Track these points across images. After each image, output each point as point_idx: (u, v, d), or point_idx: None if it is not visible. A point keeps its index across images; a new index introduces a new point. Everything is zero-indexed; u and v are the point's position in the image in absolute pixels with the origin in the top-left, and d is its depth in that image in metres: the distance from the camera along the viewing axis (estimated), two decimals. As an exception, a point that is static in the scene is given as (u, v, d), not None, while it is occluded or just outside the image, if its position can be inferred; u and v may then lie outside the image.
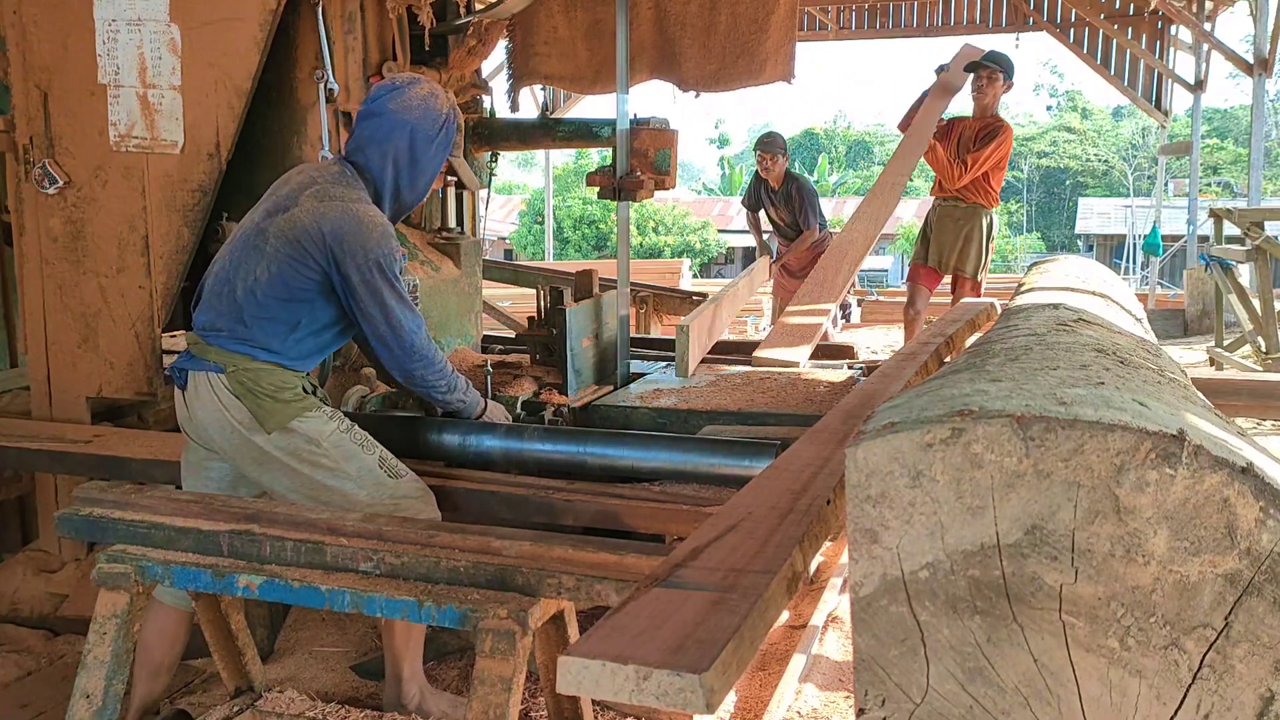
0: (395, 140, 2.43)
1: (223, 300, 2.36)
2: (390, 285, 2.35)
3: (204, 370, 2.34)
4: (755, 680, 2.74)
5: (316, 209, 2.33)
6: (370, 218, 2.35)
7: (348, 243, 2.30)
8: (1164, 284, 16.52)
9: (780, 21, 3.58)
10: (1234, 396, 2.75)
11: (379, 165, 2.45)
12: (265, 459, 2.33)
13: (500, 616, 1.74)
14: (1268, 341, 7.06)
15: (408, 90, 2.44)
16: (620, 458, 2.48)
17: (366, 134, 2.45)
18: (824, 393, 3.03)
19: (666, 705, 0.90)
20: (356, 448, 2.36)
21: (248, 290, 2.33)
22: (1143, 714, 0.95)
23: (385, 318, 2.37)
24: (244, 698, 2.32)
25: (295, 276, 2.32)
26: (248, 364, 2.32)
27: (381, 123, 2.43)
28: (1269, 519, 0.90)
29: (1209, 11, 10.66)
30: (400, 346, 2.41)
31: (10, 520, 3.47)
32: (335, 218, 2.32)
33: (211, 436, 2.36)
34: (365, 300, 2.35)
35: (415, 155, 2.46)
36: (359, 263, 2.31)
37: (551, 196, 17.78)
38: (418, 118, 2.43)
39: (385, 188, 2.47)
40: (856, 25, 12.55)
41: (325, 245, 2.31)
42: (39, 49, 3.11)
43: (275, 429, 2.31)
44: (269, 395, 2.31)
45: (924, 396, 1.12)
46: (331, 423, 2.36)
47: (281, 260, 2.32)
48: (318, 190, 2.37)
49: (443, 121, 2.47)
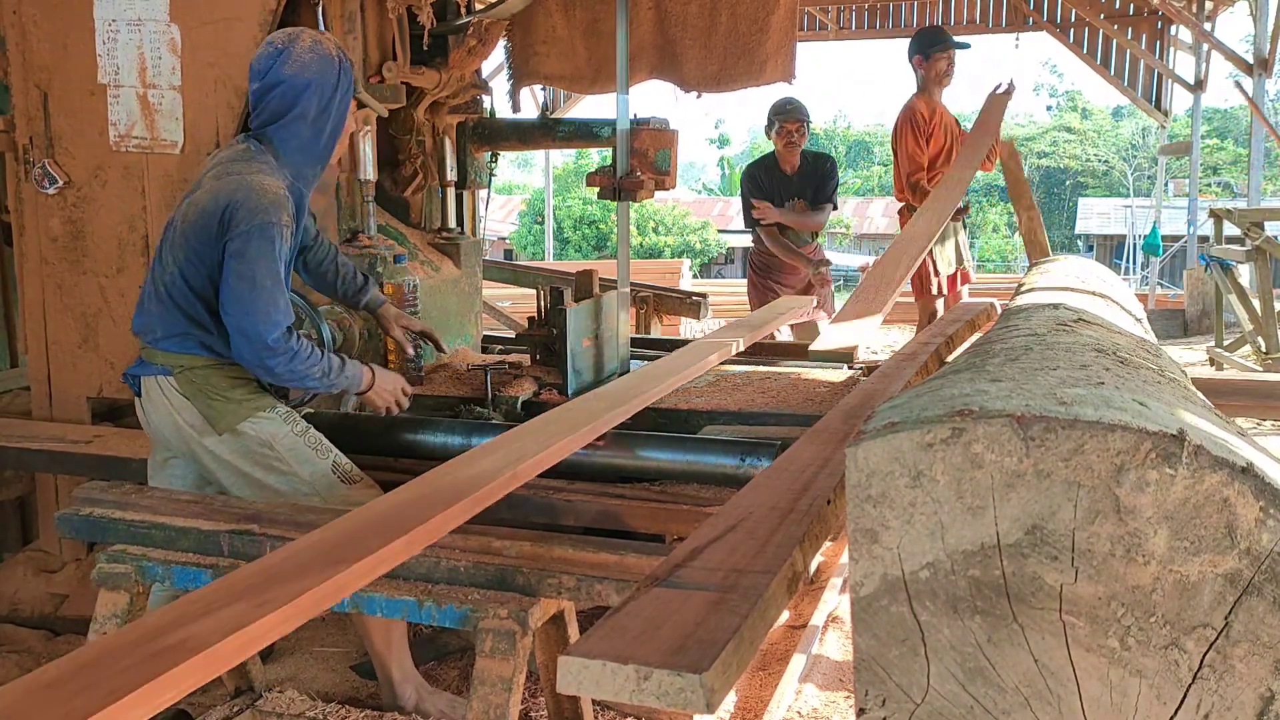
0: (301, 104, 2.33)
1: (153, 301, 2.32)
2: (264, 257, 2.20)
3: (153, 374, 2.31)
4: (755, 680, 2.74)
5: (214, 187, 2.26)
6: (264, 186, 2.24)
7: (237, 210, 2.20)
8: (1164, 284, 16.51)
9: (780, 22, 3.58)
10: (1234, 396, 2.74)
11: (295, 133, 2.35)
12: (217, 462, 2.31)
13: (500, 616, 1.74)
14: (1268, 341, 7.06)
15: (293, 49, 2.33)
16: (620, 457, 2.48)
17: (272, 108, 2.34)
18: (824, 393, 3.03)
19: (667, 705, 0.90)
20: (310, 451, 2.33)
21: (169, 286, 2.27)
22: (1143, 714, 0.95)
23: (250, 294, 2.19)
24: (244, 698, 2.32)
25: (200, 260, 2.24)
26: (193, 362, 2.29)
27: (284, 92, 2.32)
28: (1269, 519, 0.90)
29: (1209, 11, 10.65)
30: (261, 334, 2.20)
31: (10, 520, 3.47)
32: (230, 190, 2.22)
33: (168, 440, 2.35)
34: (234, 270, 2.19)
35: (323, 108, 2.37)
36: (241, 228, 2.19)
37: (551, 196, 17.78)
38: (315, 73, 2.33)
39: (309, 153, 2.38)
40: (856, 25, 12.54)
41: (219, 216, 2.21)
42: (39, 49, 3.11)
43: (225, 430, 2.28)
44: (220, 395, 2.28)
45: (924, 396, 1.12)
46: (285, 425, 2.33)
47: (190, 248, 2.25)
48: (218, 169, 2.30)
49: (338, 66, 2.38)
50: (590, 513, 2.29)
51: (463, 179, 3.82)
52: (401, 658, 2.40)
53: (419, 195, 3.68)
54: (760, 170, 5.43)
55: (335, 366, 2.38)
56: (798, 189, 5.30)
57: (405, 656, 2.41)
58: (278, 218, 2.22)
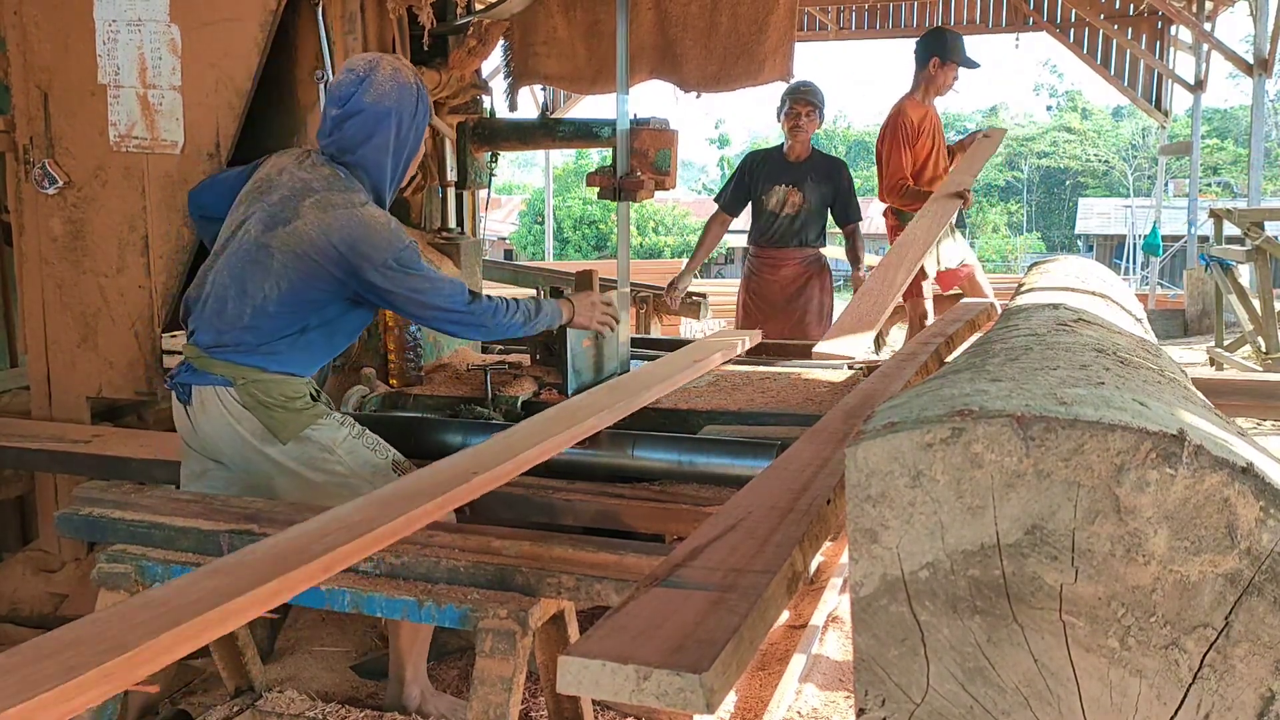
0: (383, 132, 2.39)
1: (227, 317, 2.31)
2: (415, 276, 2.34)
3: (210, 384, 2.31)
4: (755, 680, 2.74)
5: (321, 220, 2.28)
6: (376, 219, 2.32)
7: (362, 250, 2.27)
8: (1164, 284, 16.52)
9: (780, 22, 3.58)
10: (1234, 396, 2.74)
11: (375, 161, 2.41)
12: (279, 470, 2.31)
13: (500, 616, 1.74)
14: (1268, 341, 7.06)
15: (375, 76, 2.37)
16: (620, 458, 2.48)
17: (352, 134, 2.38)
18: (824, 393, 3.03)
19: (666, 705, 0.90)
20: (369, 452, 2.36)
21: (258, 308, 2.29)
22: (1143, 714, 0.95)
23: (424, 305, 2.37)
24: (244, 698, 2.32)
25: (308, 289, 2.30)
26: (258, 375, 2.30)
27: (365, 119, 2.37)
28: (1269, 519, 0.90)
29: (1209, 11, 10.66)
30: (454, 320, 2.43)
31: (10, 520, 3.47)
32: (343, 227, 2.27)
33: (220, 449, 2.34)
34: (400, 298, 2.35)
35: (403, 137, 2.43)
36: (378, 266, 2.28)
37: (551, 196, 17.79)
38: (396, 101, 2.38)
39: (385, 180, 2.45)
40: (856, 25, 12.55)
41: (339, 256, 2.27)
42: (39, 49, 3.11)
43: (290, 439, 2.29)
44: (280, 406, 2.29)
45: (924, 396, 1.12)
46: (343, 429, 2.36)
47: (292, 276, 2.28)
48: (319, 200, 2.31)
49: (417, 93, 2.43)
50: (590, 513, 2.29)
51: (463, 179, 3.82)
52: (419, 660, 2.41)
53: (419, 195, 3.68)
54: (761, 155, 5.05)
55: (533, 309, 2.62)
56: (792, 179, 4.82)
57: (422, 660, 2.42)
58: (404, 242, 2.34)
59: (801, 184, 4.81)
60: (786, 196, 4.80)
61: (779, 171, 4.84)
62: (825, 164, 4.92)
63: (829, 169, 4.91)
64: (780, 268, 4.92)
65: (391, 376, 3.14)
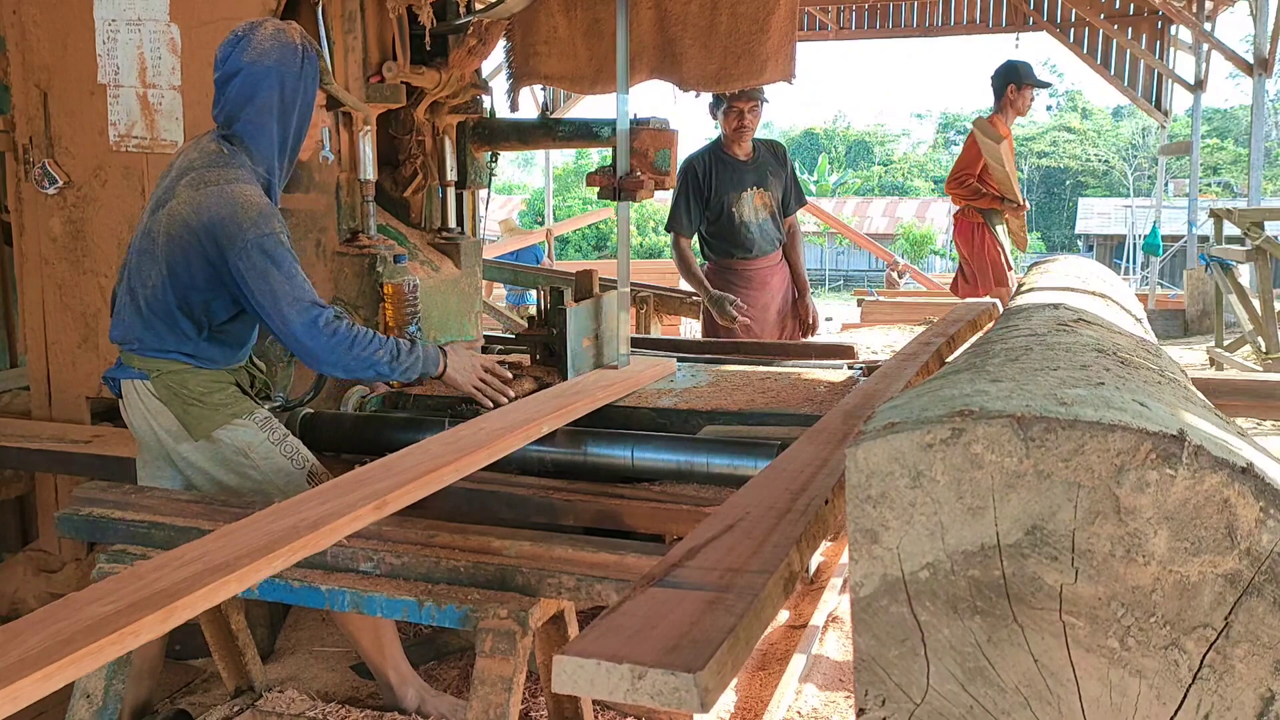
0: (265, 92, 2.26)
1: (131, 311, 2.29)
2: (276, 267, 2.17)
3: (131, 378, 2.30)
4: (755, 680, 2.74)
5: (193, 199, 2.20)
6: (245, 197, 2.19)
7: (226, 229, 2.16)
8: (1164, 284, 16.52)
9: (781, 22, 3.57)
10: (1234, 396, 2.74)
11: (260, 126, 2.29)
12: (192, 468, 2.30)
13: (500, 616, 1.74)
14: (1268, 341, 7.06)
15: (254, 35, 2.26)
16: (620, 458, 2.48)
17: (234, 97, 2.27)
18: (824, 393, 3.03)
19: (661, 704, 0.90)
20: (285, 460, 2.31)
21: (150, 298, 2.24)
22: (1143, 714, 0.95)
23: (276, 309, 2.18)
24: (244, 698, 2.32)
25: (188, 274, 2.21)
26: (172, 367, 2.27)
27: (245, 80, 2.25)
28: (1269, 519, 0.90)
29: (1209, 11, 10.65)
30: (305, 335, 2.19)
31: (10, 520, 3.47)
32: (211, 205, 2.18)
33: (146, 442, 2.35)
34: (254, 291, 2.18)
35: (288, 99, 2.30)
36: (238, 246, 2.16)
37: (551, 196, 17.79)
38: (277, 60, 2.25)
39: (273, 149, 2.32)
40: (856, 25, 12.56)
41: (207, 235, 2.17)
42: (39, 49, 3.11)
43: (201, 437, 2.26)
44: (197, 400, 2.26)
45: (924, 396, 1.12)
46: (263, 432, 2.31)
47: (172, 259, 2.21)
48: (194, 177, 2.23)
49: (301, 53, 2.30)
50: (590, 513, 2.29)
51: (463, 179, 3.82)
52: (397, 661, 2.38)
53: (419, 195, 3.68)
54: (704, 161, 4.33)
55: (404, 349, 2.34)
56: (755, 179, 4.34)
57: (400, 659, 2.40)
58: (270, 228, 2.19)
59: (764, 182, 4.36)
60: (756, 200, 4.34)
61: (738, 175, 4.33)
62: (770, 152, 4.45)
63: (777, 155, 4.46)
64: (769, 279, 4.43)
65: (391, 376, 3.14)
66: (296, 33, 2.32)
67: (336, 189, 3.16)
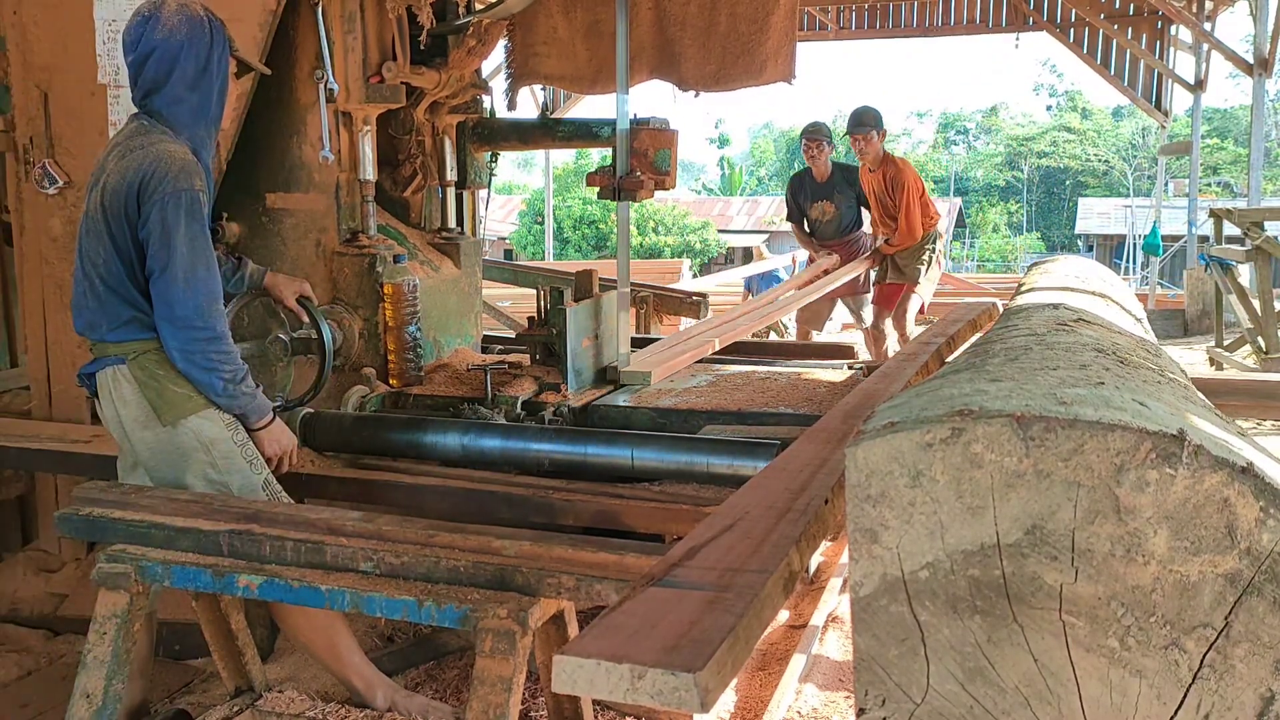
0: (182, 65, 2.31)
1: (89, 296, 2.29)
2: (186, 224, 2.19)
3: (105, 368, 2.29)
4: (755, 680, 2.74)
5: (120, 166, 2.24)
6: (171, 153, 2.24)
7: (147, 184, 2.19)
8: (1164, 284, 16.52)
9: (780, 22, 3.57)
10: (1234, 396, 2.74)
11: (180, 98, 2.33)
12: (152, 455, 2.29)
13: (500, 616, 1.74)
14: (1268, 341, 7.06)
15: (161, 14, 2.30)
16: (620, 458, 2.48)
17: (152, 75, 2.31)
18: (824, 393, 3.03)
19: (661, 704, 0.90)
20: (245, 465, 2.32)
21: (104, 277, 2.26)
22: (1143, 714, 0.95)
23: (169, 261, 2.18)
24: (244, 698, 2.32)
25: (128, 243, 2.24)
26: (144, 346, 2.26)
27: (161, 57, 2.29)
28: (1269, 519, 0.90)
29: (1209, 11, 10.66)
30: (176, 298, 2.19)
31: (10, 520, 3.47)
32: (136, 163, 2.22)
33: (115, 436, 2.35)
34: (155, 240, 2.19)
35: (203, 70, 2.34)
36: (158, 199, 2.19)
37: (551, 196, 17.79)
38: (188, 34, 2.30)
39: (194, 117, 2.36)
40: (856, 25, 12.57)
41: (134, 193, 2.21)
42: (39, 49, 3.11)
43: (169, 422, 2.26)
44: (173, 381, 2.26)
45: (924, 396, 1.12)
46: (228, 430, 2.31)
47: (113, 233, 2.24)
48: (119, 150, 2.28)
49: (209, 25, 2.35)
50: (590, 513, 2.29)
51: (463, 179, 3.82)
52: (358, 665, 2.37)
53: (419, 195, 3.68)
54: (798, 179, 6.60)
55: (249, 384, 2.33)
56: (825, 193, 6.38)
57: (362, 662, 2.38)
58: (189, 184, 2.22)
59: (831, 196, 6.37)
60: (823, 209, 6.42)
61: (814, 191, 6.45)
62: (843, 174, 6.38)
63: (847, 177, 6.36)
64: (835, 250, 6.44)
65: (392, 376, 3.14)
66: (200, 6, 2.38)
67: (336, 189, 3.16)
